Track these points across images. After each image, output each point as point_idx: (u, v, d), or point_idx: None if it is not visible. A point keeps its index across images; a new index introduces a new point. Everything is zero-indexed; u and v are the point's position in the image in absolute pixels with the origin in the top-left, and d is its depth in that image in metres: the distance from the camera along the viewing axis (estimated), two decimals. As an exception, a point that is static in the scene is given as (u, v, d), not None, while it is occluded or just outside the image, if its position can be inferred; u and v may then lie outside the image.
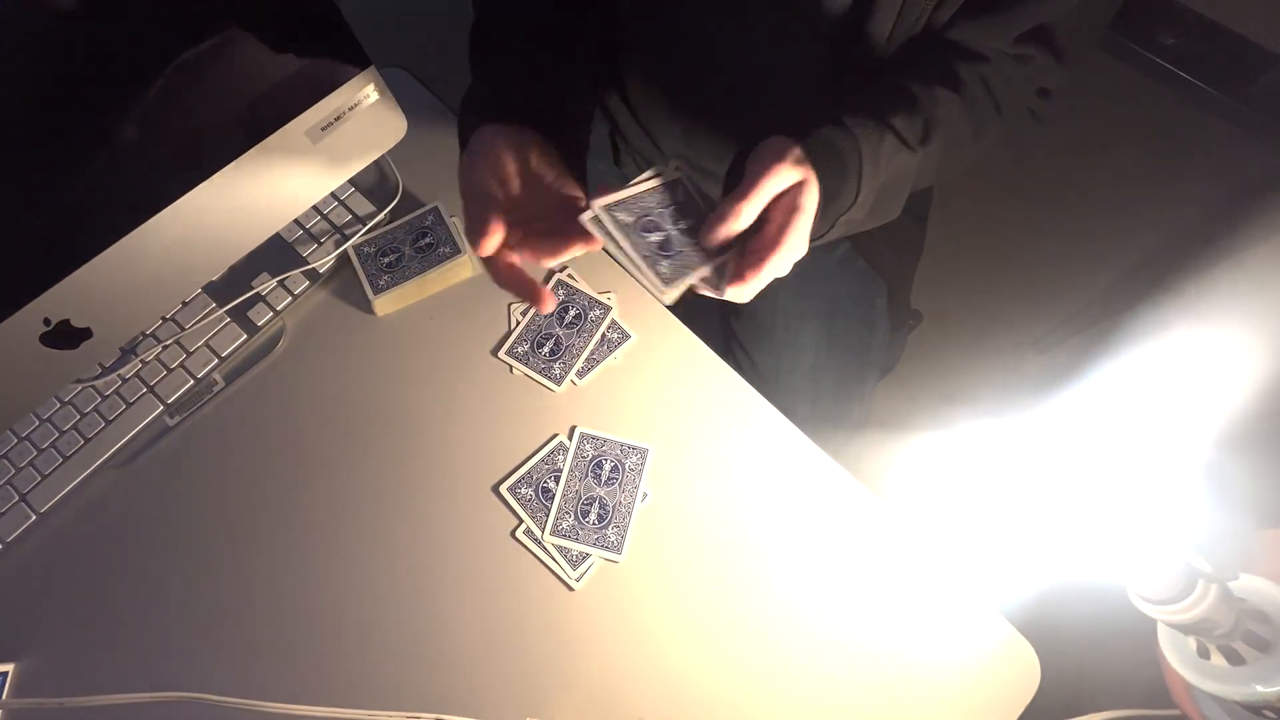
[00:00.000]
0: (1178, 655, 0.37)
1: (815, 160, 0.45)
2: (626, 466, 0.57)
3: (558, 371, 0.60)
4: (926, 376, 1.29)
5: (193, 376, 0.60)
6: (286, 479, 0.58)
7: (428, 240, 0.64)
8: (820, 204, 0.46)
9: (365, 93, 0.53)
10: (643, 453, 0.57)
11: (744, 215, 0.43)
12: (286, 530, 0.56)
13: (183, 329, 0.61)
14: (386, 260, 0.63)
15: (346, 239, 0.64)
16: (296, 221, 0.65)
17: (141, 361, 0.60)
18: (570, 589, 0.54)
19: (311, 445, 0.59)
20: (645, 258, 0.44)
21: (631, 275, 0.45)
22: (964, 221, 1.35)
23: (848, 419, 0.75)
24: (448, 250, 0.63)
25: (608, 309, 0.62)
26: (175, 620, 0.54)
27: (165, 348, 0.60)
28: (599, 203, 0.43)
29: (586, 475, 0.57)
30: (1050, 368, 1.34)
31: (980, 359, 1.34)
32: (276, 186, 0.53)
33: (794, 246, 0.45)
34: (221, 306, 0.61)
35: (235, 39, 0.47)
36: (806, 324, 0.73)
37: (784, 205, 0.45)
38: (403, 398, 0.60)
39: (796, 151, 0.45)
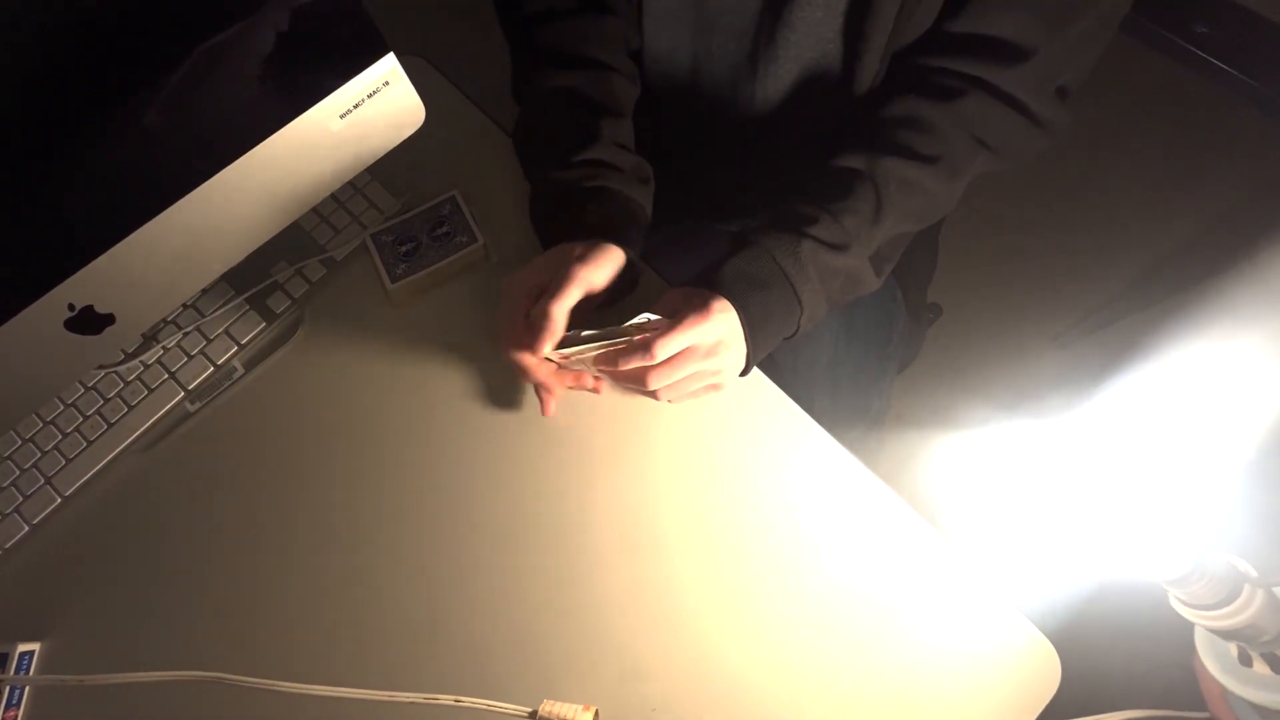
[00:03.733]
0: (1217, 662, 0.36)
1: (740, 301, 0.50)
2: None
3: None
4: (945, 371, 1.27)
5: (212, 363, 0.61)
6: (304, 464, 0.58)
7: (445, 229, 0.64)
8: (750, 334, 0.51)
9: (384, 80, 0.53)
10: None
11: (659, 357, 0.48)
12: (305, 513, 0.57)
13: (203, 316, 0.61)
14: (403, 249, 0.63)
15: (364, 228, 0.64)
16: (314, 210, 0.65)
17: (163, 348, 0.61)
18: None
19: (329, 431, 0.59)
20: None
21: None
22: (984, 214, 1.32)
23: (866, 412, 0.75)
24: (464, 239, 0.63)
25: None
26: (196, 601, 0.55)
27: (186, 334, 0.61)
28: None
29: None
30: (1071, 364, 1.31)
31: (1000, 354, 1.32)
32: (296, 174, 0.53)
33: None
34: (241, 294, 0.62)
35: (255, 26, 0.47)
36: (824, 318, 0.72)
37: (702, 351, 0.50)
38: (419, 385, 0.60)
39: (722, 314, 0.50)
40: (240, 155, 0.48)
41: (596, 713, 0.47)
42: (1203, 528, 0.34)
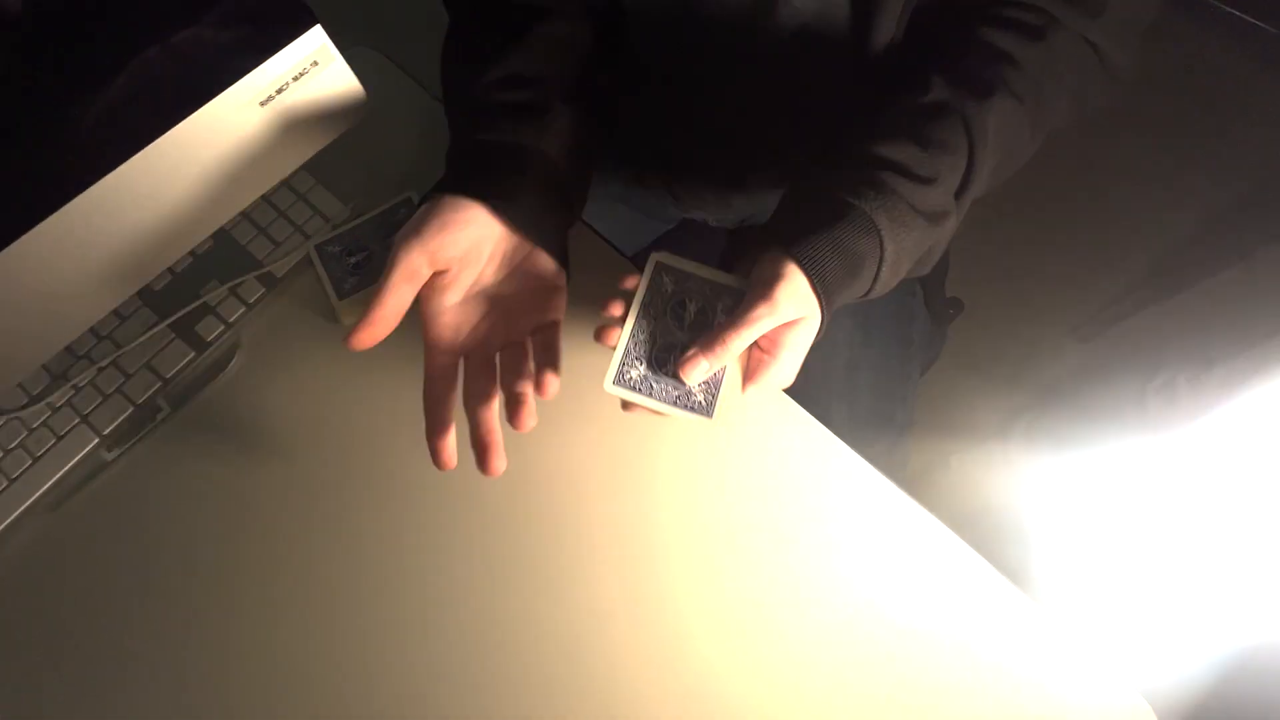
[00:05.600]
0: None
1: (820, 279, 0.41)
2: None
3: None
4: (965, 372, 1.20)
5: (132, 403, 0.52)
6: (244, 517, 0.50)
7: (400, 235, 0.55)
8: (826, 311, 0.42)
9: (312, 59, 0.45)
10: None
11: (732, 349, 0.39)
12: (246, 575, 0.48)
13: (120, 347, 0.53)
14: (353, 260, 0.55)
15: (307, 238, 0.56)
16: (250, 221, 0.57)
17: (74, 387, 0.52)
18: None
19: (272, 477, 0.51)
20: (675, 402, 0.41)
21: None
22: (994, 204, 1.25)
23: (890, 422, 0.66)
24: (422, 245, 0.55)
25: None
26: (121, 685, 0.46)
27: (100, 370, 0.53)
28: (612, 374, 0.41)
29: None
30: (1094, 356, 1.24)
31: (1020, 350, 1.24)
32: (212, 173, 0.45)
33: (772, 381, 0.41)
34: (164, 320, 0.53)
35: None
36: (839, 317, 0.64)
37: (772, 337, 0.41)
38: (378, 418, 0.52)
39: (800, 283, 0.40)
40: (134, 152, 0.40)
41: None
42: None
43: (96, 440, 0.52)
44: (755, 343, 0.41)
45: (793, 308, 0.40)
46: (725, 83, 0.56)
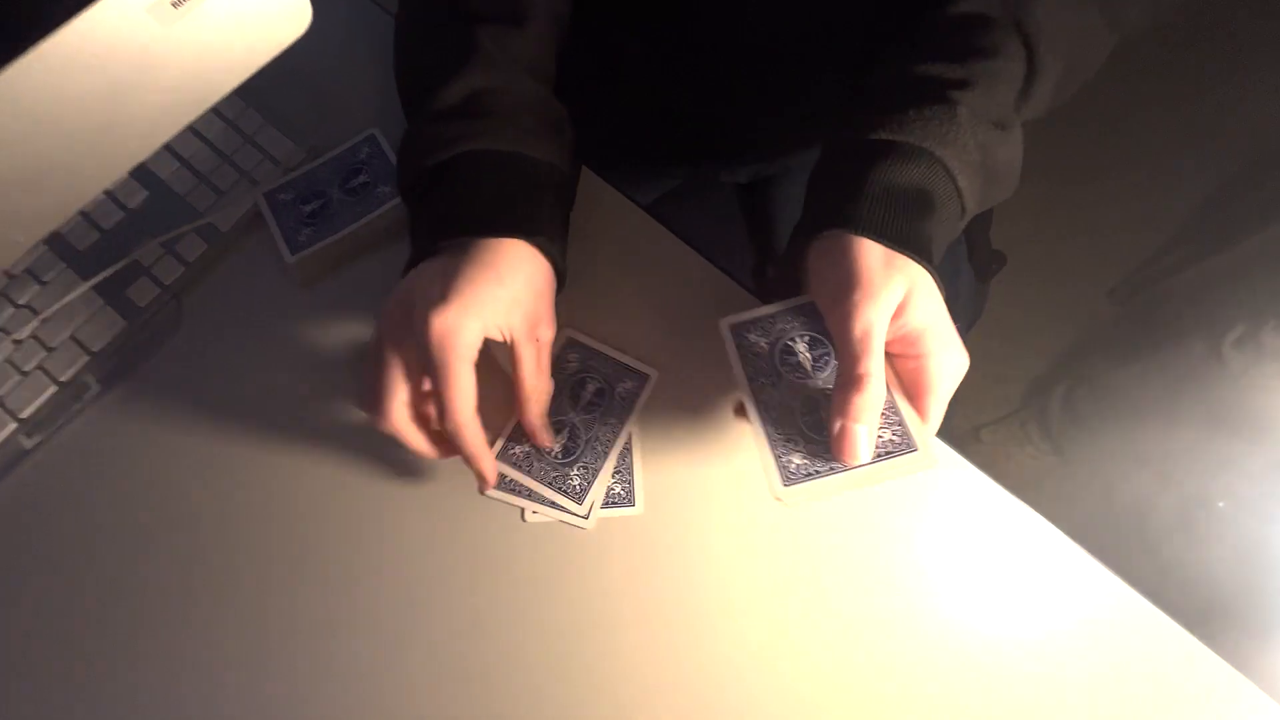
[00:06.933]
0: None
1: (894, 235, 0.33)
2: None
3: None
4: (994, 336, 1.11)
5: (55, 381, 0.45)
6: (185, 510, 0.43)
7: (362, 178, 0.47)
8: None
9: (235, -49, 0.36)
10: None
11: (871, 386, 0.31)
12: (187, 576, 0.41)
13: (38, 315, 0.45)
14: (308, 209, 0.47)
15: (255, 184, 0.48)
16: (189, 167, 0.49)
17: (-15, 364, 0.45)
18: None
19: (220, 463, 0.43)
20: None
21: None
22: (1030, 160, 1.16)
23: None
24: (389, 190, 0.47)
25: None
26: (47, 698, 0.39)
27: (17, 344, 0.45)
28: (776, 478, 0.33)
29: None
30: (1130, 319, 1.16)
31: (1054, 312, 1.16)
32: (115, 92, 0.37)
33: (947, 376, 0.33)
34: (88, 281, 0.46)
35: None
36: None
37: (900, 334, 0.33)
38: (337, 393, 0.44)
39: (875, 254, 0.32)
40: (6, 63, 0.32)
41: None
42: None
43: (14, 426, 0.44)
44: (891, 354, 0.33)
45: (892, 290, 0.32)
46: (736, 23, 0.49)
